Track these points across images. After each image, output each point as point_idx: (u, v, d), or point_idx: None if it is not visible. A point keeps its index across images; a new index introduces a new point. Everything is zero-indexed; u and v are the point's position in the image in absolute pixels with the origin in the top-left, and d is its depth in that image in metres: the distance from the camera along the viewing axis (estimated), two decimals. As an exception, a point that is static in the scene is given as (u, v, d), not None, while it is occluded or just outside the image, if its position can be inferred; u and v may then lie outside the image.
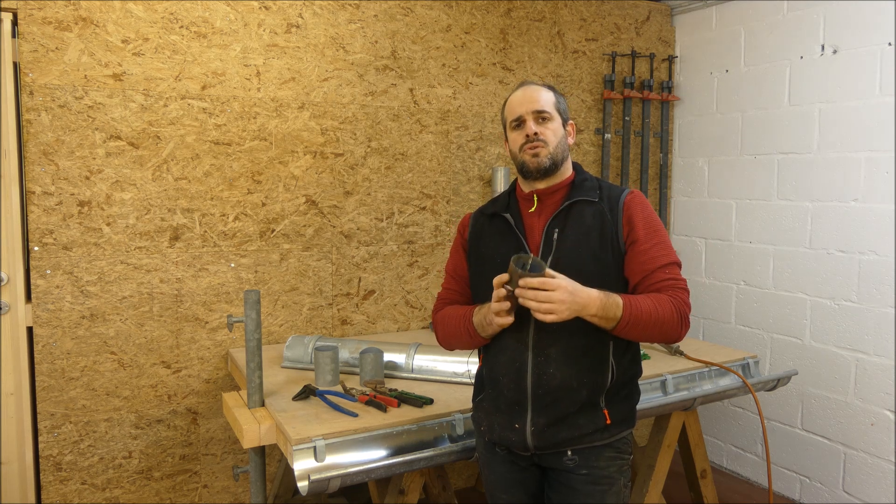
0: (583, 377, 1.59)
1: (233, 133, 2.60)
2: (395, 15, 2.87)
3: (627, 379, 1.68)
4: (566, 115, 1.71)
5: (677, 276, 1.60)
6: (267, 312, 2.72)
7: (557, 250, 1.61)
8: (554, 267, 1.55)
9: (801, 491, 3.12)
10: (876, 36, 2.75)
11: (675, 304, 1.55)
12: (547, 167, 1.63)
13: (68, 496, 2.44)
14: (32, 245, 2.32)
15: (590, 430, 1.60)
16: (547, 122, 1.65)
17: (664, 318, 1.53)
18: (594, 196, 1.64)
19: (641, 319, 1.52)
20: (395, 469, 1.79)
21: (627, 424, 1.69)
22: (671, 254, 1.62)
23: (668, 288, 1.58)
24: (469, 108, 3.07)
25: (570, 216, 1.63)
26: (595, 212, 1.63)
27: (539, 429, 1.60)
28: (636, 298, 1.54)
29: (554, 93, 1.70)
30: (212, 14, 2.52)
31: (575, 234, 1.61)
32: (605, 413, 1.62)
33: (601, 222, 1.62)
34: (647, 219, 1.63)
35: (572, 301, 1.45)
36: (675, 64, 3.65)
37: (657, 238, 1.62)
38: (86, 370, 2.43)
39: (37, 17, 2.26)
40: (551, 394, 1.59)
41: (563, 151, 1.67)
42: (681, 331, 1.57)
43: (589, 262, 1.59)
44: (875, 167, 2.78)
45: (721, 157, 3.45)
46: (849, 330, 2.90)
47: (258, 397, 1.99)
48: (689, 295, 1.62)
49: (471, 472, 3.25)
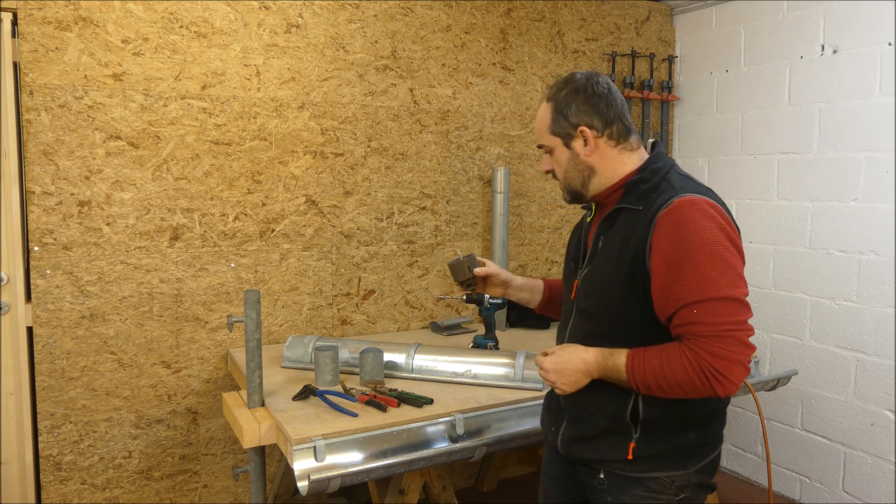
0: (600, 404, 1.44)
1: (233, 133, 2.60)
2: (395, 15, 2.87)
3: (673, 415, 1.40)
4: (569, 129, 1.47)
5: (711, 321, 1.25)
6: (267, 312, 2.72)
7: (590, 262, 1.48)
8: (585, 277, 1.48)
9: (801, 491, 3.12)
10: (876, 36, 2.75)
11: (692, 361, 1.25)
12: (570, 200, 1.55)
13: (68, 496, 2.44)
14: (32, 245, 2.32)
15: (611, 458, 1.45)
16: (550, 154, 1.52)
17: (677, 381, 1.27)
18: (640, 203, 1.40)
19: (649, 382, 1.30)
20: (395, 469, 1.79)
21: (664, 465, 1.42)
22: (710, 286, 1.25)
23: (690, 336, 1.27)
24: (469, 108, 3.07)
25: (615, 224, 1.44)
26: (638, 222, 1.37)
27: (566, 440, 1.55)
28: (644, 355, 1.31)
29: (552, 107, 1.48)
30: (212, 14, 2.52)
31: (610, 246, 1.43)
32: (630, 445, 1.41)
33: (635, 239, 1.36)
34: (681, 240, 1.29)
35: (563, 373, 1.41)
36: (675, 64, 3.65)
37: (691, 266, 1.27)
38: (86, 370, 2.43)
39: (37, 16, 2.26)
40: (575, 410, 1.52)
41: (579, 173, 1.48)
42: (709, 390, 1.26)
43: (616, 285, 1.39)
44: (875, 167, 2.78)
45: (721, 156, 3.45)
46: (849, 330, 2.90)
47: (258, 397, 1.99)
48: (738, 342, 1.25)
49: (471, 472, 3.25)
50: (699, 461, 1.45)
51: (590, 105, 1.45)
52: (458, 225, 3.10)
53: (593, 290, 1.46)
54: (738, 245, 1.33)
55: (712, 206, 1.33)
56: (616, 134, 1.46)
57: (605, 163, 1.46)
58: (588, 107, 1.45)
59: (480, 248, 3.17)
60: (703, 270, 1.26)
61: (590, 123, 1.45)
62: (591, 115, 1.45)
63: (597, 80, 1.47)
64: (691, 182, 1.43)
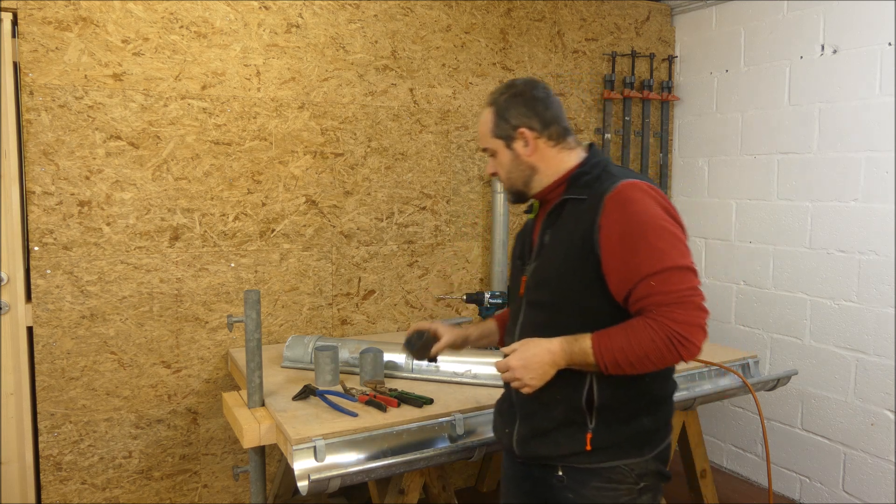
0: (556, 393, 1.45)
1: (233, 133, 2.60)
2: (395, 15, 2.87)
3: (626, 401, 1.45)
4: (510, 131, 1.53)
5: (669, 289, 1.31)
6: (267, 312, 2.72)
7: (538, 256, 1.52)
8: (534, 272, 1.52)
9: (801, 491, 3.12)
10: (876, 36, 2.75)
11: (657, 330, 1.30)
12: (513, 200, 1.63)
13: (68, 496, 2.44)
14: (32, 245, 2.32)
15: (568, 452, 1.47)
16: (493, 157, 1.58)
17: (645, 352, 1.31)
18: (584, 193, 1.46)
19: (618, 359, 1.33)
20: (395, 469, 1.79)
21: (619, 454, 1.46)
22: (664, 257, 1.32)
23: (651, 307, 1.32)
24: (469, 108, 3.07)
25: (561, 216, 1.49)
26: (584, 209, 1.43)
27: (521, 438, 1.55)
28: (609, 335, 1.35)
29: (494, 111, 1.55)
30: (212, 14, 2.52)
31: (558, 238, 1.48)
32: (587, 436, 1.44)
33: (582, 225, 1.42)
34: (629, 219, 1.36)
35: (530, 367, 1.40)
36: (675, 64, 3.65)
37: (644, 242, 1.33)
38: (86, 370, 2.43)
39: (37, 17, 2.26)
40: (529, 405, 1.53)
41: (521, 173, 1.55)
42: (676, 357, 1.32)
43: (567, 272, 1.43)
44: (875, 167, 2.78)
45: (721, 156, 3.45)
46: (849, 330, 2.90)
47: (258, 397, 1.99)
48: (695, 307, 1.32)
49: (471, 472, 3.25)
50: (654, 447, 1.49)
51: (529, 108, 1.53)
52: (458, 225, 3.10)
53: (543, 281, 1.49)
54: (680, 222, 1.42)
55: (653, 189, 1.42)
56: (555, 134, 1.54)
57: (546, 161, 1.54)
58: (527, 109, 1.53)
59: (480, 248, 3.17)
60: (654, 244, 1.33)
61: (529, 125, 1.53)
62: (530, 118, 1.53)
63: (535, 85, 1.56)
64: (630, 171, 1.52)
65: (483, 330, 1.85)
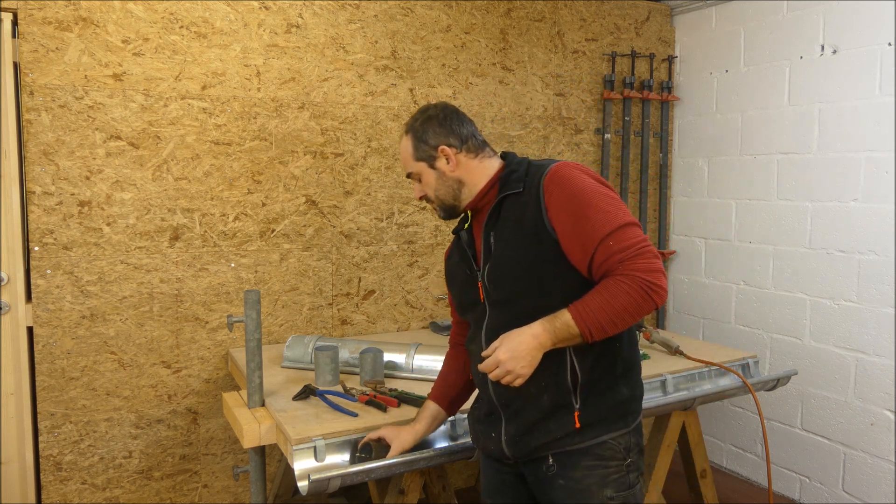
0: (540, 381, 1.49)
1: (233, 133, 2.60)
2: (395, 15, 2.87)
3: (603, 372, 1.52)
4: (431, 151, 1.60)
5: (626, 245, 1.39)
6: (267, 312, 2.72)
7: (488, 259, 1.55)
8: (489, 272, 1.54)
9: (801, 491, 3.12)
10: (876, 36, 2.75)
11: (629, 283, 1.38)
12: (445, 216, 1.66)
13: (68, 496, 2.44)
14: (32, 245, 2.32)
15: (560, 435, 1.51)
16: (419, 181, 1.64)
17: (624, 306, 1.38)
18: (519, 186, 1.52)
19: (601, 321, 1.39)
20: (395, 469, 1.79)
21: (606, 427, 1.52)
22: (613, 218, 1.41)
23: (615, 265, 1.40)
24: (469, 109, 3.07)
25: (501, 215, 1.55)
26: (524, 199, 1.51)
27: (511, 438, 1.56)
28: (585, 302, 1.41)
29: (412, 136, 1.62)
30: (212, 14, 2.52)
31: (507, 233, 1.52)
32: (575, 415, 1.49)
33: (528, 212, 1.49)
34: (572, 193, 1.45)
35: (520, 356, 1.41)
36: (675, 64, 3.65)
37: (591, 209, 1.42)
38: (86, 370, 2.43)
39: (37, 17, 2.26)
40: (514, 403, 1.55)
41: (449, 189, 1.61)
42: (651, 304, 1.40)
43: (524, 260, 1.49)
44: (875, 167, 2.78)
45: (721, 156, 3.45)
46: (849, 330, 2.90)
47: (258, 397, 1.99)
48: (652, 255, 1.41)
49: (471, 472, 3.25)
50: (635, 417, 1.57)
51: (444, 127, 1.61)
52: (458, 225, 3.10)
53: (503, 276, 1.52)
54: (613, 188, 1.52)
55: (581, 165, 1.53)
56: (473, 147, 1.62)
57: (471, 172, 1.61)
58: (443, 129, 1.61)
59: (480, 248, 3.16)
60: (601, 208, 1.43)
61: (447, 142, 1.60)
62: (447, 136, 1.61)
63: (446, 106, 1.65)
64: (552, 159, 1.61)
65: (431, 417, 1.79)
